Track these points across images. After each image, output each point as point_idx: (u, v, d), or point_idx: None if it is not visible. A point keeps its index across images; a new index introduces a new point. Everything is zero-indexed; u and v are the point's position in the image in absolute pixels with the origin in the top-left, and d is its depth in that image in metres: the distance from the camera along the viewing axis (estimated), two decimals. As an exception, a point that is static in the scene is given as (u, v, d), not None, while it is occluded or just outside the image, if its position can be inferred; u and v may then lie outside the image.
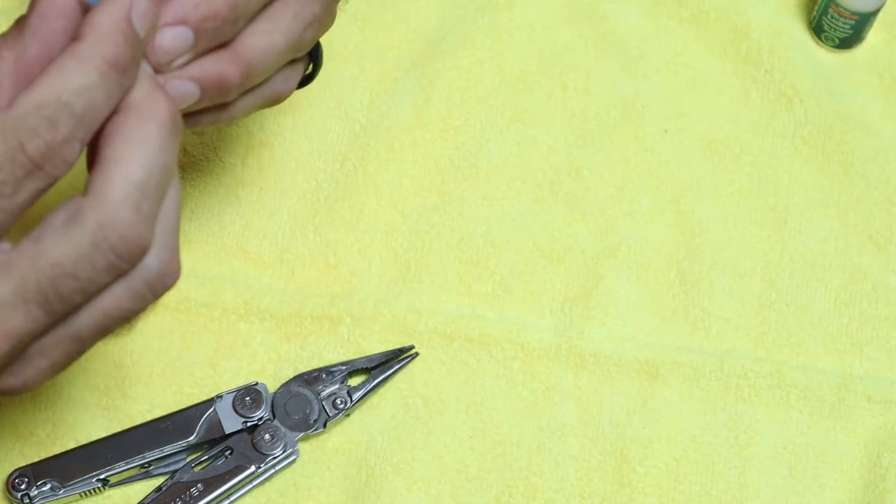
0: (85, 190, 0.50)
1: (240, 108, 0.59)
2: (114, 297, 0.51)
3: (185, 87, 0.55)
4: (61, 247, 0.49)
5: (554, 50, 0.79)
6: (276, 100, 0.61)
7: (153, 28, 0.53)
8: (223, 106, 0.58)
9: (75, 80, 0.49)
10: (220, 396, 0.70)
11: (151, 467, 0.69)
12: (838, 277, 0.75)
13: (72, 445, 0.69)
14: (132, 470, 0.68)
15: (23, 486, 0.67)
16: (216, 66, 0.56)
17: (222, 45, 0.56)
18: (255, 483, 0.69)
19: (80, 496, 0.68)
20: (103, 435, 0.69)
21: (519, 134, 0.77)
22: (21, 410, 0.70)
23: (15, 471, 0.67)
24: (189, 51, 0.55)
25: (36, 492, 0.67)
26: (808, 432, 0.72)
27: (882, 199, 0.76)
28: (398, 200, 0.75)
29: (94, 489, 0.68)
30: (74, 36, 0.50)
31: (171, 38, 0.54)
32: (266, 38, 0.57)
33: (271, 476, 0.69)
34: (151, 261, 0.51)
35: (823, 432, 0.72)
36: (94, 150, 0.51)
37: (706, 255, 0.75)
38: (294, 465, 0.70)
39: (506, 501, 0.70)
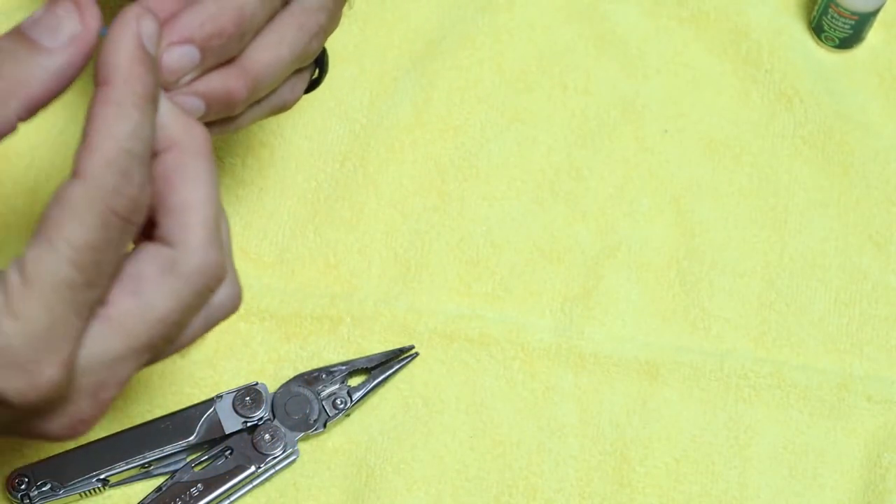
0: (162, 237, 0.51)
1: (246, 119, 0.60)
2: (194, 328, 0.53)
3: (190, 102, 0.55)
4: (167, 301, 0.51)
5: (554, 50, 0.79)
6: (283, 108, 0.61)
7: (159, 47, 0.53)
8: (229, 118, 0.59)
9: (125, 126, 0.49)
10: (220, 396, 0.70)
11: (151, 467, 0.69)
12: (838, 277, 0.75)
13: (72, 445, 0.69)
14: (132, 470, 0.68)
15: (23, 486, 0.67)
16: (222, 82, 0.56)
17: (228, 60, 0.56)
18: (255, 483, 0.69)
19: (80, 496, 0.68)
20: (103, 435, 0.69)
21: (519, 134, 0.77)
22: (21, 410, 0.70)
23: (15, 471, 0.67)
24: (195, 69, 0.55)
25: (36, 492, 0.67)
26: (808, 432, 0.72)
27: (882, 199, 0.76)
28: (398, 200, 0.75)
29: (94, 489, 0.68)
30: (98, 81, 0.50)
31: (178, 57, 0.54)
32: (272, 51, 0.57)
33: (271, 476, 0.69)
34: (224, 288, 0.54)
35: (823, 432, 0.72)
36: (152, 199, 0.51)
37: (706, 255, 0.75)
38: (294, 465, 0.70)
39: (506, 501, 0.70)
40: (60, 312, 0.48)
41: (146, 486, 0.69)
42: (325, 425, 0.70)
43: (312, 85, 0.64)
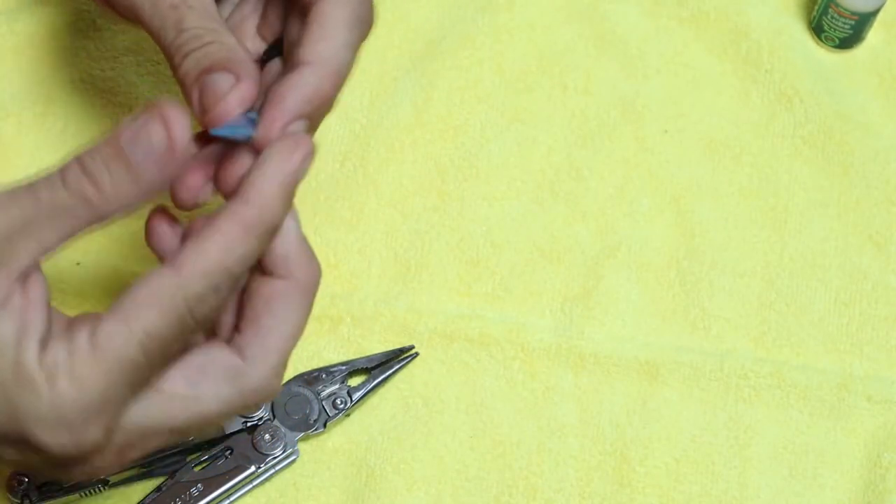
0: (239, 346, 0.54)
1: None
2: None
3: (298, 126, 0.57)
4: (217, 404, 0.54)
5: (554, 50, 0.79)
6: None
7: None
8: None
9: (239, 250, 0.52)
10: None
11: (151, 467, 0.69)
12: (838, 277, 0.75)
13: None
14: (132, 470, 0.68)
15: (23, 487, 0.67)
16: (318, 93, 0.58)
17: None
18: (255, 483, 0.69)
19: (80, 496, 0.68)
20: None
21: (519, 134, 0.77)
22: None
23: (15, 471, 0.67)
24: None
25: (36, 492, 0.67)
26: (808, 432, 0.72)
27: (882, 199, 0.76)
28: (398, 200, 0.75)
29: (93, 489, 0.68)
30: (238, 191, 0.52)
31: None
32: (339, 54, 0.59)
33: (271, 476, 0.69)
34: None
35: (823, 432, 0.72)
36: (246, 308, 0.55)
37: (706, 255, 0.75)
38: (294, 465, 0.70)
39: (506, 501, 0.70)
40: (117, 385, 0.50)
41: (146, 486, 0.69)
42: (325, 425, 0.70)
43: None
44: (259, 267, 0.54)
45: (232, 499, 0.69)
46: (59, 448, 0.51)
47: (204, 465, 0.69)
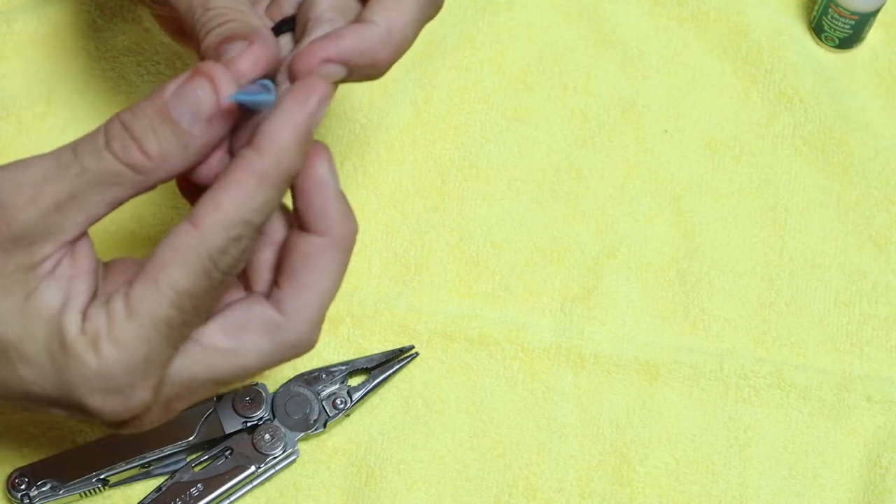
0: (278, 301, 0.54)
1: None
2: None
3: (333, 70, 0.56)
4: (256, 357, 0.54)
5: (554, 50, 0.79)
6: None
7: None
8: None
9: (256, 200, 0.51)
10: (219, 396, 0.69)
11: (151, 467, 0.69)
12: (838, 277, 0.75)
13: (71, 446, 0.69)
14: (132, 470, 0.68)
15: (23, 486, 0.67)
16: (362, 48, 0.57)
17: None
18: (255, 483, 0.69)
19: (80, 496, 0.68)
20: (103, 435, 0.69)
21: (519, 134, 0.77)
22: (21, 411, 0.70)
23: (15, 471, 0.67)
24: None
25: (36, 492, 0.67)
26: (808, 432, 0.72)
27: (882, 199, 0.76)
28: (398, 200, 0.75)
29: (94, 489, 0.68)
30: (249, 141, 0.51)
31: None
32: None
33: (271, 476, 0.69)
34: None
35: (823, 432, 0.72)
36: (285, 264, 0.54)
37: (706, 255, 0.75)
38: (294, 465, 0.70)
39: (506, 501, 0.70)
40: (157, 344, 0.51)
41: (146, 486, 0.69)
42: (325, 425, 0.70)
43: None
44: (297, 222, 0.54)
45: (232, 499, 0.69)
46: (111, 412, 0.52)
47: (204, 465, 0.69)
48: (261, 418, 0.69)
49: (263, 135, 0.51)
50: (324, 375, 0.70)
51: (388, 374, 0.71)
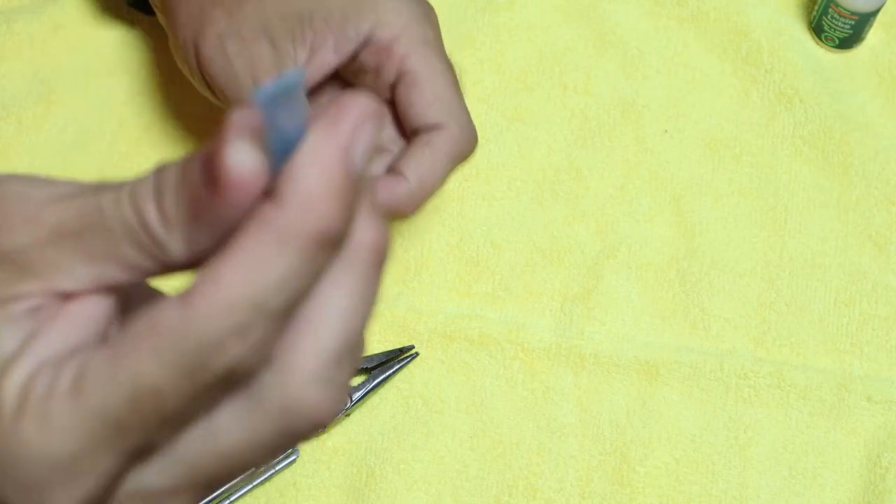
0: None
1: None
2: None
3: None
4: (238, 435, 0.38)
5: (554, 50, 0.79)
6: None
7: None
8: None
9: (273, 273, 0.36)
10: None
11: (151, 467, 0.69)
12: (838, 277, 0.75)
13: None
14: (132, 470, 0.68)
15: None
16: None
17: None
18: (255, 483, 0.69)
19: (80, 496, 0.68)
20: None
21: (519, 134, 0.77)
22: None
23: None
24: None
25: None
26: (808, 432, 0.72)
27: (882, 199, 0.76)
28: (398, 200, 0.75)
29: (93, 489, 0.68)
30: (268, 193, 0.36)
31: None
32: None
33: (271, 476, 0.69)
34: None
35: (823, 432, 0.72)
36: None
37: (706, 255, 0.75)
38: (294, 465, 0.70)
39: (506, 501, 0.70)
40: (96, 446, 0.37)
41: (146, 486, 0.69)
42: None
43: None
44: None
45: (232, 499, 0.69)
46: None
47: (204, 465, 0.69)
48: (261, 418, 0.69)
49: (284, 178, 0.36)
50: (324, 375, 0.70)
51: (387, 374, 0.71)
